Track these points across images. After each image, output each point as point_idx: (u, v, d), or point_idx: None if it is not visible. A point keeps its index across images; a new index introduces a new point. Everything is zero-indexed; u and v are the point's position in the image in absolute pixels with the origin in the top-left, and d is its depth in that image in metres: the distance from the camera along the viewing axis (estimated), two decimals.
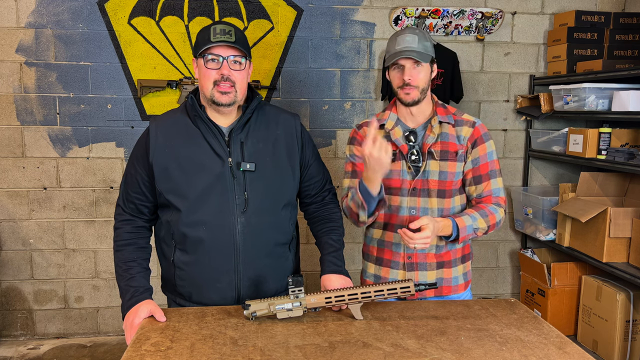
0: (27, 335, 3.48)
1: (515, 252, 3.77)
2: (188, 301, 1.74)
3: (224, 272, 1.67)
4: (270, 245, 1.71)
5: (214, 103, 1.64)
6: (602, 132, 2.98)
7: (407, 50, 1.78)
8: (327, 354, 1.35)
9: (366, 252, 2.02)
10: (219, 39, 1.60)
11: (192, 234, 1.66)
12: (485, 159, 1.87)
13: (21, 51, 3.24)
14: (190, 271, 1.70)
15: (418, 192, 1.85)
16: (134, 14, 3.27)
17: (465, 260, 1.96)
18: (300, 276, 1.55)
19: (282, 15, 3.37)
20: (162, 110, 3.36)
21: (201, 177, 1.64)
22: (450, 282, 1.92)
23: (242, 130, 1.69)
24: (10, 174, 3.34)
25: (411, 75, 1.80)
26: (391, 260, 1.92)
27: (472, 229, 1.80)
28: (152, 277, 1.48)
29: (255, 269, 1.69)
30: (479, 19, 3.48)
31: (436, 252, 1.89)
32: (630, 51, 3.39)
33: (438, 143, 1.85)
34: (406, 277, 1.89)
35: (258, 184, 1.67)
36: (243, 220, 1.65)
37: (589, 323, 3.11)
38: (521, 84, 3.64)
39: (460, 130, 1.87)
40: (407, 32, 1.82)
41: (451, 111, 1.90)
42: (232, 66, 1.63)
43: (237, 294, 1.70)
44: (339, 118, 3.51)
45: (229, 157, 1.65)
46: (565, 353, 1.37)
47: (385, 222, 1.92)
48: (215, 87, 1.62)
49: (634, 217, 2.86)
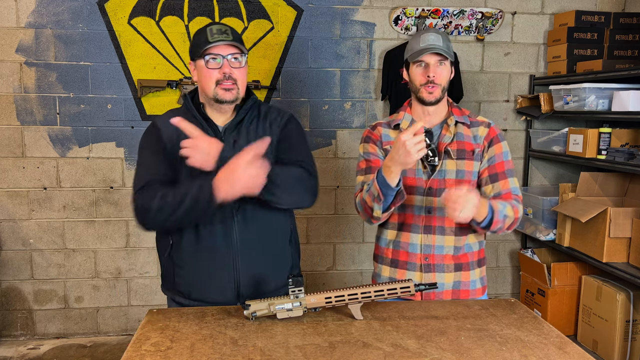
0: (27, 335, 3.48)
1: (515, 252, 3.77)
2: (187, 299, 1.74)
3: (222, 270, 1.68)
4: (268, 242, 1.72)
5: (218, 101, 1.66)
6: (602, 132, 2.98)
7: (433, 47, 1.79)
8: (327, 354, 1.35)
9: (379, 255, 1.97)
10: (217, 38, 1.61)
11: (189, 232, 1.67)
12: (501, 157, 1.85)
13: (21, 51, 3.24)
14: (189, 269, 1.70)
15: (434, 191, 1.84)
16: (134, 14, 3.27)
17: (481, 264, 1.94)
18: (301, 276, 1.55)
19: (282, 15, 3.37)
20: (162, 110, 3.35)
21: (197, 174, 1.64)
22: (469, 285, 1.89)
23: (235, 129, 1.71)
24: (10, 174, 3.34)
25: (436, 72, 1.80)
26: (407, 262, 1.88)
27: (503, 215, 1.75)
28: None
29: (254, 266, 1.70)
30: (479, 19, 3.48)
31: (454, 254, 1.86)
32: (630, 51, 3.39)
33: (454, 142, 1.85)
34: (423, 279, 1.86)
35: None
36: (240, 218, 1.66)
37: (589, 323, 3.11)
38: (521, 84, 3.64)
39: (476, 130, 1.87)
40: (430, 31, 1.83)
41: (466, 112, 1.91)
42: (232, 64, 1.64)
43: (237, 291, 1.70)
44: (339, 118, 3.51)
45: None
46: (565, 353, 1.37)
47: (400, 223, 1.89)
48: (219, 86, 1.63)
49: (634, 217, 2.86)
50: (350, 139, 3.52)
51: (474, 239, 1.89)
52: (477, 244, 1.91)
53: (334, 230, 3.60)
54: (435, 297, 1.86)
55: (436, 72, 1.80)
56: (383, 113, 3.53)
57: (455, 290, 1.87)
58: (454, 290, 1.87)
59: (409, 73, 1.87)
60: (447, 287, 1.87)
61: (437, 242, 1.85)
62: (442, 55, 1.80)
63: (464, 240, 1.87)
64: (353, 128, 3.53)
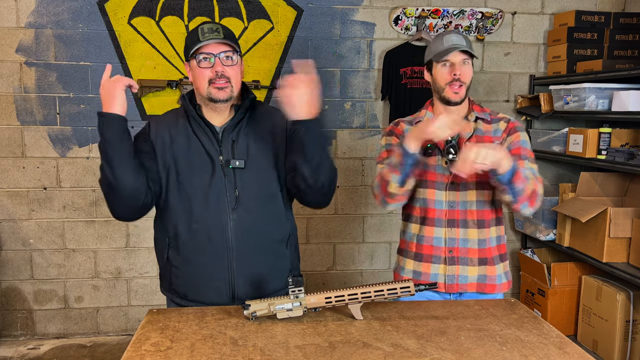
0: (27, 335, 3.48)
1: (515, 252, 3.77)
2: (184, 299, 1.74)
3: (217, 270, 1.68)
4: (264, 242, 1.71)
5: (211, 100, 1.65)
6: (602, 132, 2.98)
7: (458, 45, 1.81)
8: (327, 354, 1.35)
9: (404, 248, 2.00)
10: (207, 37, 1.61)
11: (184, 232, 1.67)
12: (517, 144, 1.85)
13: (21, 51, 3.24)
14: (185, 269, 1.70)
15: (457, 186, 1.86)
16: (134, 14, 3.27)
17: (503, 259, 1.95)
18: (301, 276, 1.55)
19: (282, 15, 3.37)
20: (162, 110, 3.32)
21: (194, 176, 1.66)
22: (495, 280, 1.90)
23: (234, 129, 1.70)
24: (10, 174, 3.34)
25: (462, 71, 1.82)
26: (432, 255, 1.90)
27: (524, 175, 1.70)
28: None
29: (250, 266, 1.69)
30: (479, 19, 3.48)
31: (479, 247, 1.88)
32: (630, 51, 3.39)
33: (473, 137, 1.87)
34: (447, 272, 1.88)
35: (248, 181, 1.67)
36: (235, 217, 1.66)
37: (589, 323, 3.11)
38: (521, 84, 3.64)
39: (496, 125, 1.90)
40: (452, 32, 1.86)
41: (487, 110, 1.93)
42: (224, 62, 1.64)
43: (232, 292, 1.69)
44: (339, 118, 3.51)
45: (220, 155, 1.67)
46: (565, 353, 1.37)
47: (423, 217, 1.91)
48: (211, 85, 1.63)
49: (634, 217, 2.86)
50: (350, 139, 3.52)
51: (495, 233, 1.91)
52: (498, 239, 1.93)
53: (334, 230, 3.60)
54: (458, 289, 1.88)
55: (462, 70, 1.83)
56: (383, 113, 3.53)
57: (481, 283, 1.89)
58: (478, 283, 1.89)
59: (432, 74, 1.89)
60: (471, 280, 1.88)
61: (460, 235, 1.87)
62: (467, 54, 1.83)
63: (487, 233, 1.88)
64: (353, 128, 3.53)
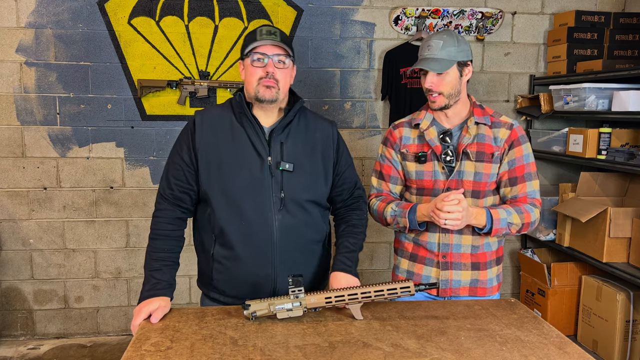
0: (27, 335, 3.48)
1: (515, 252, 3.77)
2: (222, 295, 1.76)
3: (261, 267, 1.70)
4: (303, 241, 1.75)
5: (258, 100, 1.69)
6: (602, 132, 2.98)
7: (426, 59, 1.81)
8: (327, 354, 1.35)
9: (400, 248, 2.02)
10: (264, 38, 1.66)
11: (232, 229, 1.69)
12: (521, 161, 1.86)
13: (21, 51, 3.24)
14: (229, 265, 1.72)
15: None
16: (134, 14, 3.27)
17: (499, 262, 1.96)
18: (301, 276, 1.55)
19: (282, 15, 3.37)
20: (162, 110, 3.36)
21: (241, 173, 1.69)
22: (486, 284, 1.91)
23: (283, 131, 1.73)
24: (10, 174, 3.34)
25: (432, 83, 1.81)
26: (426, 257, 1.92)
27: (506, 222, 1.78)
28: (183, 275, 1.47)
29: (290, 264, 1.72)
30: (479, 19, 3.48)
31: (472, 252, 1.89)
32: (630, 51, 3.39)
33: (474, 144, 1.85)
34: (440, 276, 1.90)
35: (294, 184, 1.71)
36: (280, 217, 1.69)
37: (589, 323, 3.11)
38: (521, 84, 3.64)
39: (497, 132, 1.87)
40: (433, 37, 1.83)
41: (489, 112, 1.90)
42: (276, 65, 1.68)
43: (274, 287, 1.72)
44: (339, 118, 3.51)
45: (269, 156, 1.70)
46: (565, 353, 1.37)
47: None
48: (260, 83, 1.67)
49: (634, 217, 2.86)
50: (350, 139, 3.52)
51: (493, 238, 1.91)
52: (496, 243, 1.93)
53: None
54: (451, 293, 1.89)
55: (433, 81, 1.81)
56: (383, 113, 3.53)
57: (473, 287, 1.90)
58: (471, 287, 1.90)
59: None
60: (464, 284, 1.90)
61: (454, 241, 1.88)
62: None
63: (482, 239, 1.89)
64: (353, 128, 3.53)
